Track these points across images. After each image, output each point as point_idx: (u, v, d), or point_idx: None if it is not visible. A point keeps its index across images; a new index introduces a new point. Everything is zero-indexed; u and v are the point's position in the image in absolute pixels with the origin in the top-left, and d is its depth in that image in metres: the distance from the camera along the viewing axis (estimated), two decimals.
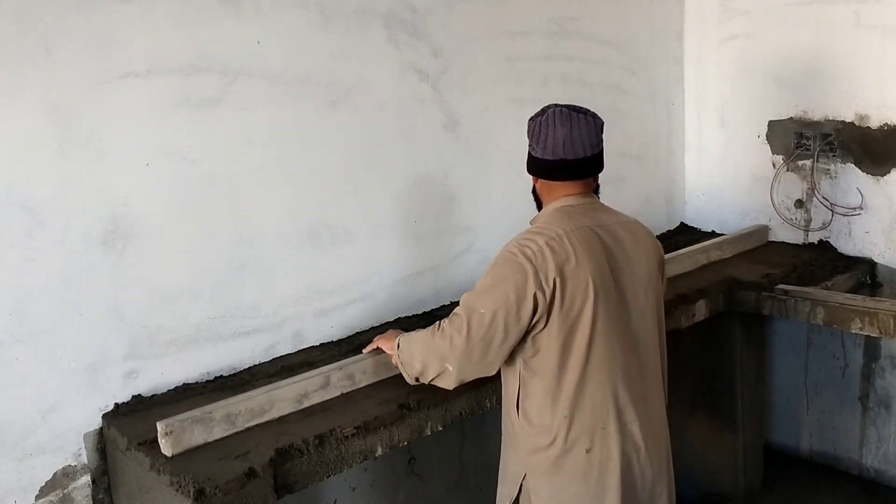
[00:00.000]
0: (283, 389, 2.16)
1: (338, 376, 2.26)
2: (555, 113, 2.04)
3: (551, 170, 2.07)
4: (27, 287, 2.04)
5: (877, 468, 3.49)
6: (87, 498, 2.19)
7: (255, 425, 2.09)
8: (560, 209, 2.06)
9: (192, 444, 1.98)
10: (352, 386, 2.28)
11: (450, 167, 2.92)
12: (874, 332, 2.78)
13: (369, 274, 2.73)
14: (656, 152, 3.73)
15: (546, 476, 2.02)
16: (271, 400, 2.13)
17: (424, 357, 2.09)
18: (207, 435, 2.01)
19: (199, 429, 2.00)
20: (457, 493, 3.15)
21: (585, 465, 1.99)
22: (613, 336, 1.99)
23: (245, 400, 2.10)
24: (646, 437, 2.04)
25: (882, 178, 3.23)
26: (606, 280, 1.98)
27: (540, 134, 2.06)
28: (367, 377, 2.31)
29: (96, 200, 2.13)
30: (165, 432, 1.94)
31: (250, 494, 1.85)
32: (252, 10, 2.36)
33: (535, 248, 1.95)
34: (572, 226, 2.00)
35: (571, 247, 1.96)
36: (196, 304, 2.34)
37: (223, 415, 2.04)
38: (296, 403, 2.17)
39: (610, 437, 1.99)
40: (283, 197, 2.49)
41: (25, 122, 1.99)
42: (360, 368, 2.31)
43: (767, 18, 3.45)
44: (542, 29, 3.15)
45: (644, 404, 2.06)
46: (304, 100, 2.50)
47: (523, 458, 2.06)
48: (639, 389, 2.05)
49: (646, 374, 2.08)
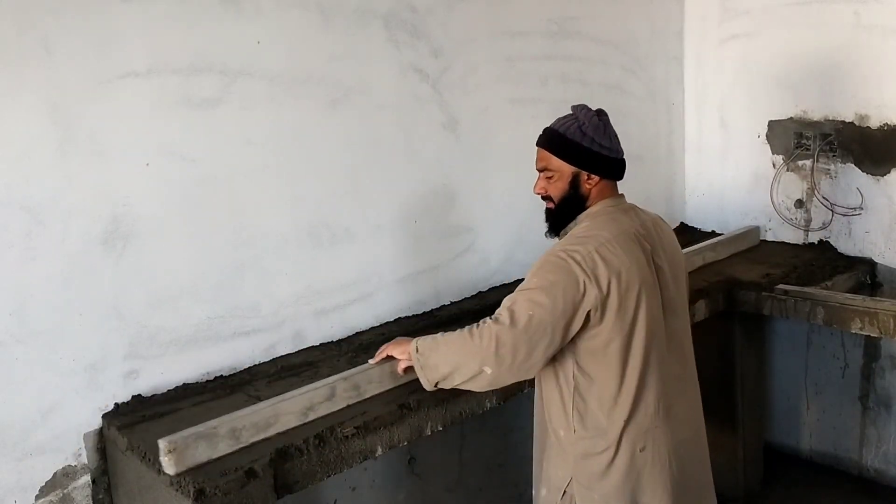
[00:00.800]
0: (289, 402, 2.07)
1: (343, 387, 2.17)
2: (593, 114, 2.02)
3: (617, 168, 2.05)
4: (27, 287, 2.04)
5: (877, 468, 3.49)
6: (87, 498, 2.19)
7: (261, 440, 2.00)
8: (603, 212, 2.03)
9: (196, 461, 1.89)
10: (357, 397, 2.19)
11: (450, 167, 2.92)
12: (874, 332, 2.78)
13: (369, 274, 2.73)
14: (656, 152, 3.73)
15: (597, 479, 2.02)
16: (276, 413, 2.04)
17: (457, 359, 2.00)
18: (212, 452, 1.92)
19: (203, 445, 1.91)
20: (457, 493, 3.15)
21: (639, 463, 2.01)
22: (662, 337, 2.02)
23: (250, 414, 2.01)
24: (691, 430, 2.09)
25: (882, 178, 3.23)
26: (652, 282, 2.00)
27: (606, 132, 2.01)
28: (374, 387, 2.23)
29: (96, 200, 2.12)
30: (168, 450, 1.86)
31: (250, 494, 1.85)
32: (252, 10, 2.36)
33: (584, 254, 1.92)
34: (618, 230, 1.98)
35: (621, 251, 1.94)
36: (196, 304, 2.34)
37: (227, 430, 1.96)
38: (301, 417, 2.08)
39: (661, 434, 2.02)
40: (283, 197, 2.49)
41: (25, 122, 1.99)
42: (366, 378, 2.22)
43: (767, 18, 3.45)
44: (542, 29, 3.15)
45: (686, 399, 2.10)
46: (304, 100, 2.50)
47: (570, 463, 2.05)
48: (681, 385, 2.09)
49: (684, 369, 2.12)
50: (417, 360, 2.09)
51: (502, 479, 2.42)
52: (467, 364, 1.99)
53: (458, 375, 2.02)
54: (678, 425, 2.06)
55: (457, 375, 2.02)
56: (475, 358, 1.97)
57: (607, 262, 1.92)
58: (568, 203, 2.05)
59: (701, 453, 2.17)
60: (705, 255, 3.33)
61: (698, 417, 2.18)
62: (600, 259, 1.92)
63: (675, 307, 2.08)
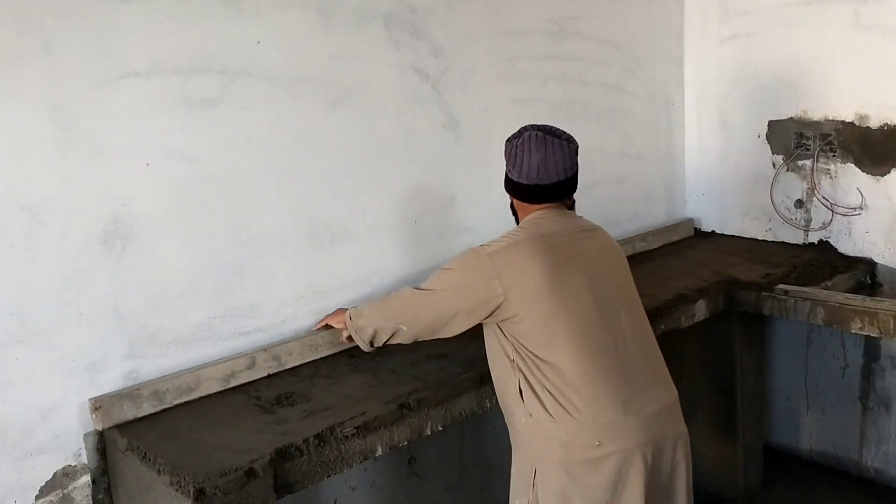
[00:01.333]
0: (211, 369, 2.29)
1: (263, 357, 2.39)
2: (531, 137, 2.12)
3: (525, 193, 2.17)
4: (27, 287, 2.04)
5: (877, 468, 3.49)
6: (87, 498, 2.19)
7: (183, 402, 2.22)
8: (527, 222, 2.18)
9: (122, 418, 2.13)
10: (279, 367, 2.42)
11: (450, 167, 2.92)
12: (874, 332, 2.78)
13: (369, 274, 2.73)
14: (656, 152, 3.73)
15: (557, 467, 2.02)
16: (198, 378, 2.26)
17: (378, 319, 2.26)
18: (136, 411, 2.15)
19: (127, 404, 2.14)
20: (457, 493, 3.15)
21: (598, 457, 2.00)
22: (606, 328, 2.06)
23: (172, 378, 2.23)
24: (658, 425, 2.07)
25: (882, 178, 3.23)
26: (578, 278, 2.07)
27: (516, 158, 2.15)
28: (294, 359, 2.44)
29: (96, 200, 2.12)
30: (95, 407, 2.10)
31: (250, 494, 1.85)
32: (252, 10, 2.36)
33: (495, 248, 2.09)
34: (534, 233, 2.11)
35: (533, 248, 2.07)
36: (196, 304, 2.34)
37: (151, 392, 2.18)
38: (223, 383, 2.30)
39: (620, 429, 2.01)
40: (283, 197, 2.49)
41: (25, 122, 1.99)
42: (286, 350, 2.44)
43: (767, 18, 3.45)
44: (542, 29, 3.15)
45: (648, 392, 2.08)
46: (304, 100, 2.50)
47: (532, 452, 2.06)
48: (644, 379, 2.08)
49: (647, 364, 2.12)
50: (351, 325, 2.34)
51: (502, 479, 2.43)
52: (386, 323, 2.25)
53: (383, 333, 2.26)
54: (644, 423, 2.03)
55: (382, 334, 2.27)
56: (391, 317, 2.24)
57: (516, 257, 2.06)
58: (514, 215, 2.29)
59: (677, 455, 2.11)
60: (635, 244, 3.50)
61: (673, 416, 2.13)
62: (509, 254, 2.07)
63: (627, 303, 2.15)
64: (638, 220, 3.65)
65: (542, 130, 2.13)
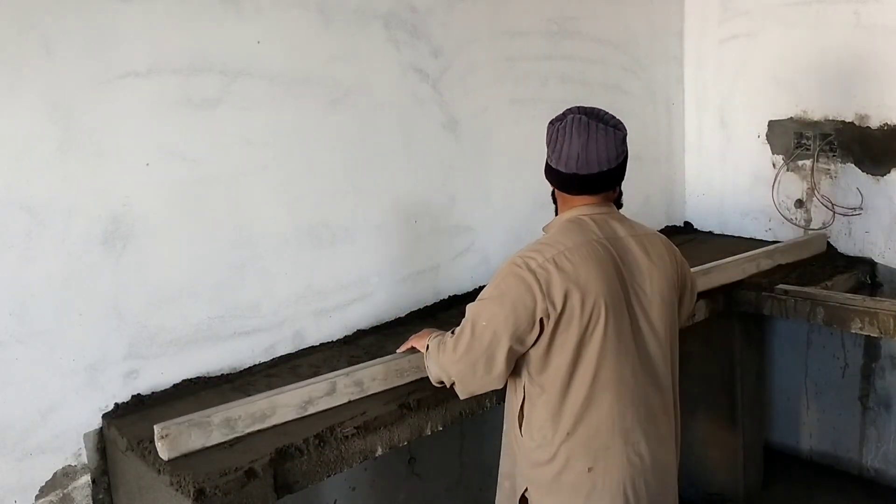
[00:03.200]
0: (287, 395, 2.09)
1: (345, 382, 2.19)
2: (573, 120, 1.92)
3: (565, 182, 1.98)
4: (27, 287, 2.04)
5: (877, 468, 3.49)
6: (87, 498, 2.19)
7: (256, 431, 2.04)
8: (572, 220, 1.97)
9: (190, 448, 1.95)
10: (360, 393, 2.20)
11: (450, 167, 2.92)
12: (874, 332, 2.78)
13: (369, 274, 2.73)
14: (656, 152, 3.73)
15: (548, 492, 1.98)
16: (273, 405, 2.07)
17: (437, 369, 2.07)
18: (206, 440, 1.97)
19: (196, 433, 1.96)
20: (457, 493, 3.15)
21: (588, 484, 1.93)
22: (623, 355, 1.92)
23: (245, 405, 2.04)
24: (653, 458, 1.98)
25: (882, 178, 3.23)
26: (617, 297, 1.90)
27: (556, 142, 1.95)
28: (377, 384, 2.24)
29: (96, 200, 2.12)
30: (162, 435, 1.91)
31: (250, 494, 1.85)
32: (252, 10, 2.36)
33: (540, 262, 1.88)
34: (582, 239, 1.91)
35: (580, 261, 1.87)
36: (196, 304, 2.34)
37: (222, 419, 2.00)
38: (300, 410, 2.11)
39: (614, 457, 1.93)
40: (283, 197, 2.49)
41: (25, 122, 1.99)
42: (370, 375, 2.23)
43: (767, 18, 3.45)
44: (542, 29, 3.15)
45: (653, 425, 1.99)
46: (304, 100, 2.50)
47: (525, 471, 2.03)
48: (648, 410, 1.97)
49: (656, 395, 2.00)
50: (425, 358, 2.15)
51: None
52: (442, 375, 2.06)
53: (445, 381, 2.07)
54: (640, 454, 1.95)
55: (444, 380, 2.08)
56: (444, 372, 2.04)
57: (563, 271, 1.86)
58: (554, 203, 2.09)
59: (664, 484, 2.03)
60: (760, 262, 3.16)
61: (668, 448, 2.05)
62: (555, 268, 1.86)
63: (655, 330, 1.98)
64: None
65: (586, 114, 1.93)
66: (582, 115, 1.92)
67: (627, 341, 1.93)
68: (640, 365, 1.96)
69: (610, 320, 1.88)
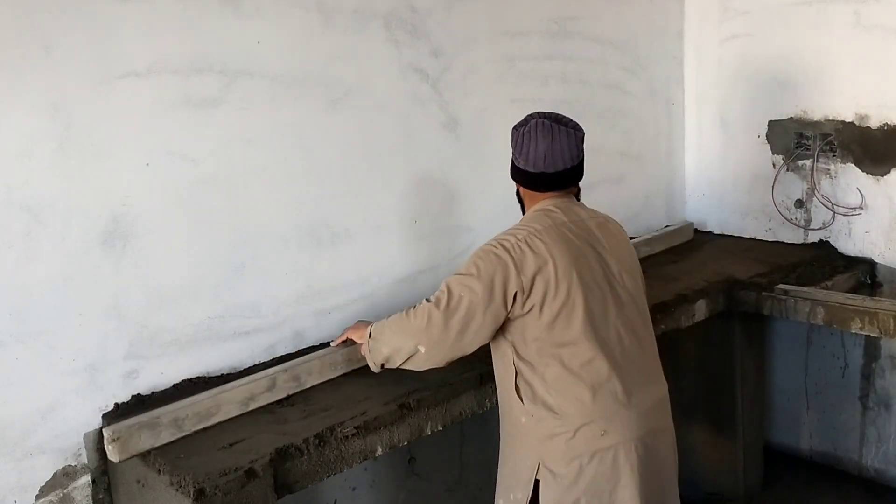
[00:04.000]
0: (230, 392, 2.18)
1: (283, 378, 2.28)
2: (537, 124, 2.12)
3: (532, 181, 2.17)
4: (27, 287, 2.04)
5: (877, 468, 3.49)
6: (87, 498, 2.18)
7: (203, 429, 2.10)
8: (538, 211, 2.16)
9: (140, 449, 2.01)
10: (298, 387, 2.30)
11: (450, 167, 2.92)
12: (874, 332, 2.78)
13: (369, 274, 2.73)
14: (656, 152, 3.73)
15: (563, 460, 2.04)
16: (217, 403, 2.14)
17: (396, 340, 2.15)
18: (155, 440, 2.03)
19: (146, 434, 2.02)
20: (457, 493, 3.15)
21: (602, 447, 2.02)
22: (611, 322, 2.07)
23: (191, 404, 2.11)
24: (656, 423, 2.11)
25: (882, 178, 3.23)
26: (590, 270, 2.07)
27: (522, 145, 2.15)
28: (314, 378, 2.34)
29: (96, 200, 2.12)
30: (112, 438, 1.98)
31: (250, 494, 1.85)
32: (252, 10, 2.35)
33: (513, 242, 2.06)
34: (551, 223, 2.10)
35: (551, 241, 2.05)
36: (196, 304, 2.34)
37: (170, 419, 2.06)
38: (242, 406, 2.19)
39: (624, 420, 2.04)
40: (283, 197, 2.49)
41: (25, 122, 1.99)
42: (306, 370, 2.33)
43: (767, 18, 3.45)
44: (542, 29, 3.15)
45: (649, 386, 2.12)
46: (304, 100, 2.50)
47: (535, 447, 2.07)
48: (642, 373, 2.12)
49: (645, 358, 2.15)
50: (368, 343, 2.23)
51: None
52: (405, 344, 2.13)
53: (400, 355, 2.15)
54: (642, 416, 2.08)
55: (398, 356, 2.16)
56: (411, 337, 2.11)
57: (535, 249, 2.03)
58: (520, 203, 2.28)
59: (668, 449, 2.18)
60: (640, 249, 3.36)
61: (664, 410, 2.19)
62: (528, 247, 2.04)
63: (632, 297, 2.15)
64: (638, 220, 3.65)
65: (548, 118, 2.13)
66: (544, 119, 2.13)
67: (612, 309, 2.09)
68: (628, 331, 2.10)
69: (590, 291, 2.05)
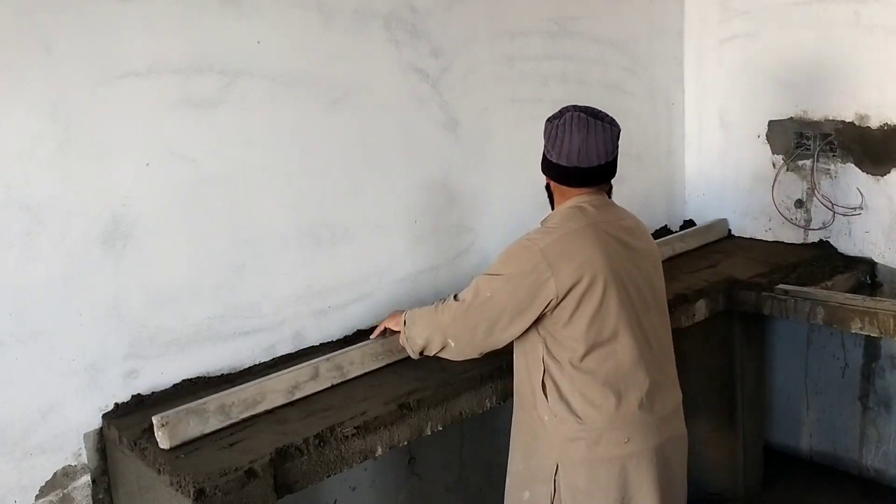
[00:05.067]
0: (274, 381, 2.22)
1: (326, 367, 2.31)
2: (573, 117, 2.05)
3: (565, 175, 2.10)
4: (27, 287, 2.04)
5: (877, 468, 3.49)
6: (87, 498, 2.19)
7: (250, 416, 2.13)
8: (572, 208, 2.10)
9: (189, 436, 2.01)
10: (341, 377, 2.33)
11: (450, 167, 2.92)
12: (874, 332, 2.78)
13: (369, 274, 2.73)
14: (656, 152, 3.73)
15: (581, 465, 2.03)
16: (262, 391, 2.18)
17: (429, 332, 2.18)
18: (203, 426, 2.04)
19: (194, 420, 2.03)
20: (457, 493, 3.15)
21: (624, 455, 2.02)
22: (637, 327, 2.05)
23: (238, 391, 2.15)
24: (674, 431, 2.12)
25: (882, 178, 3.22)
26: (622, 273, 2.03)
27: (556, 138, 2.07)
28: (356, 368, 2.37)
29: (96, 200, 2.13)
30: (161, 424, 1.98)
31: (250, 494, 1.85)
32: (252, 10, 2.36)
33: (548, 241, 2.01)
34: (585, 222, 2.05)
35: (584, 242, 2.00)
36: (196, 304, 2.34)
37: (217, 406, 2.09)
38: (287, 395, 2.22)
39: (647, 427, 2.04)
40: (283, 197, 2.49)
41: (25, 122, 1.99)
42: (349, 359, 2.36)
43: (767, 18, 3.45)
44: (542, 29, 3.15)
45: (667, 393, 2.12)
46: (304, 100, 2.50)
47: (556, 447, 2.06)
48: (662, 379, 2.11)
49: (664, 364, 2.14)
50: (404, 332, 2.27)
51: (502, 479, 2.44)
52: (435, 337, 2.17)
53: (433, 346, 2.20)
54: (663, 422, 2.08)
55: (432, 346, 2.20)
56: (440, 332, 2.16)
57: (570, 251, 2.00)
58: (549, 198, 2.23)
59: (682, 457, 2.18)
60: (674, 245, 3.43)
61: (680, 417, 2.19)
62: (563, 249, 2.00)
63: (655, 302, 2.13)
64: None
65: (584, 111, 2.06)
66: (580, 112, 2.06)
67: (638, 314, 2.06)
68: (651, 336, 2.09)
69: (621, 295, 2.02)
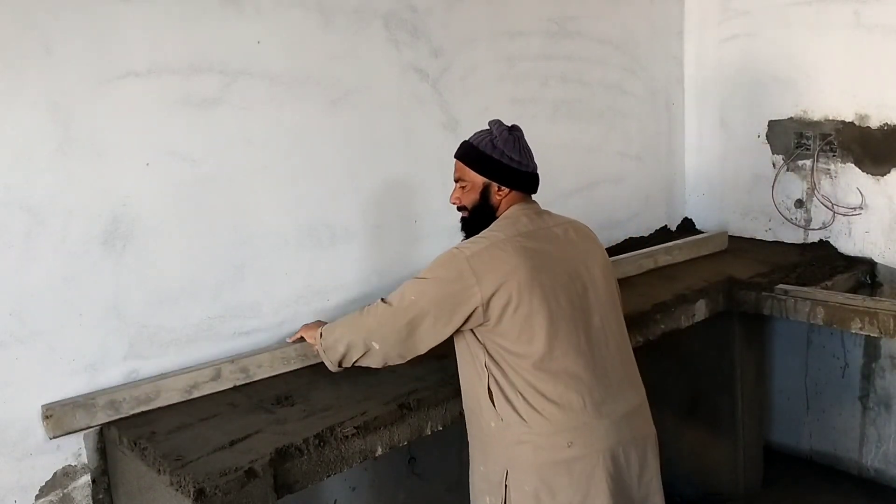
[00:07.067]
0: (171, 379, 2.21)
1: (230, 369, 2.30)
2: (511, 128, 2.13)
3: (529, 182, 2.14)
4: (27, 287, 2.04)
5: (877, 468, 3.49)
6: (87, 498, 2.19)
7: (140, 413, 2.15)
8: (510, 217, 2.10)
9: (74, 427, 2.08)
10: (245, 379, 2.32)
11: (450, 167, 2.90)
12: (874, 332, 2.78)
13: (369, 274, 2.73)
14: (656, 152, 3.73)
15: (529, 470, 2.00)
16: (158, 389, 2.18)
17: (350, 336, 2.15)
18: (90, 420, 2.09)
19: (81, 413, 2.08)
20: (457, 493, 3.14)
21: (569, 458, 1.98)
22: (579, 331, 2.03)
23: (130, 388, 2.15)
24: (629, 428, 2.05)
25: (882, 178, 3.23)
26: (558, 278, 2.03)
27: (516, 146, 2.11)
28: (264, 370, 2.36)
29: (96, 200, 2.13)
30: (46, 415, 2.04)
31: (250, 494, 1.85)
32: (252, 10, 2.36)
33: (475, 251, 2.01)
34: (515, 231, 2.06)
35: (513, 250, 2.00)
36: (196, 304, 2.34)
37: (106, 401, 2.11)
38: (184, 394, 2.22)
39: (591, 430, 1.99)
40: (283, 197, 2.50)
41: (25, 122, 1.99)
42: (256, 362, 2.35)
43: (767, 18, 3.45)
44: (542, 29, 3.15)
45: (621, 394, 2.07)
46: (304, 100, 2.50)
47: (503, 453, 2.04)
48: (617, 380, 2.07)
49: (620, 364, 2.10)
50: (321, 344, 2.23)
51: None
52: (358, 341, 2.14)
53: (354, 352, 2.16)
54: (615, 425, 2.02)
55: (353, 352, 2.16)
56: (363, 335, 2.13)
57: (496, 261, 1.99)
58: (478, 212, 2.16)
59: (646, 456, 2.11)
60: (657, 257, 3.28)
61: (642, 417, 2.13)
62: (489, 258, 1.99)
63: (603, 303, 2.10)
64: (638, 220, 3.66)
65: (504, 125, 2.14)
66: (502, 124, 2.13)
67: (581, 316, 2.05)
68: (599, 338, 2.06)
69: (553, 302, 2.00)
